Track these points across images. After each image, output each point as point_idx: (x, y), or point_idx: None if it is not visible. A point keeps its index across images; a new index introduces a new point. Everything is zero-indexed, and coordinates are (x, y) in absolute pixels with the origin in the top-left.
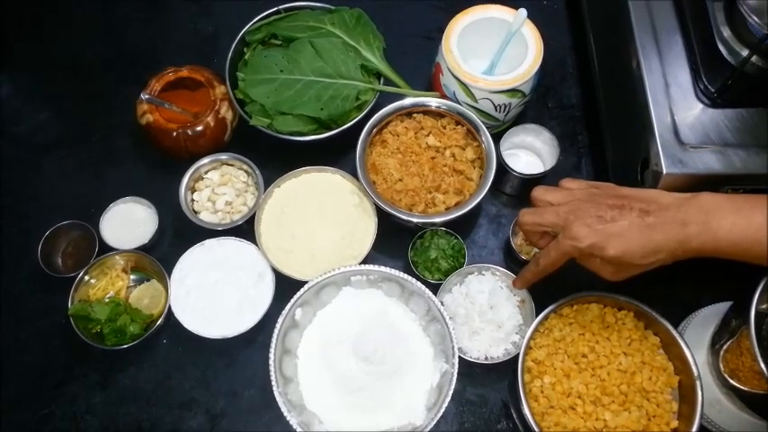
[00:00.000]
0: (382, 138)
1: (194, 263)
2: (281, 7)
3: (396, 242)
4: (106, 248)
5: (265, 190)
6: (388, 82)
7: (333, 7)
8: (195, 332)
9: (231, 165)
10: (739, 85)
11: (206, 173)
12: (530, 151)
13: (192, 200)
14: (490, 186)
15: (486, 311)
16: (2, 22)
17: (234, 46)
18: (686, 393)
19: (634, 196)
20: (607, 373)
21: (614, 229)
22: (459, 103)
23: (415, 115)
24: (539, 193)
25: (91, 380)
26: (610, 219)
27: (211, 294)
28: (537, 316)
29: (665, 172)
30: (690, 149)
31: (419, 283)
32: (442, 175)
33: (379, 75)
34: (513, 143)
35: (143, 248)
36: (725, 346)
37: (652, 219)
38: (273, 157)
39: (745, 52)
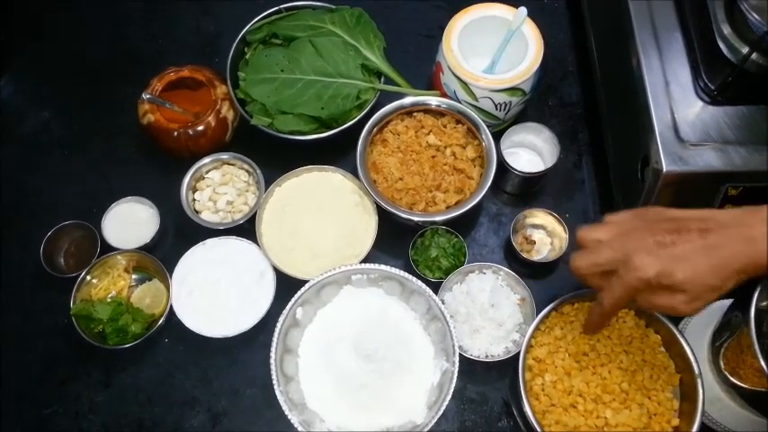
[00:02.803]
0: (383, 137)
1: (196, 262)
2: (281, 7)
3: (396, 241)
4: (108, 248)
5: (266, 189)
6: (389, 81)
7: (333, 6)
8: (197, 331)
9: (232, 164)
10: (739, 83)
11: (207, 172)
12: (530, 150)
13: (194, 199)
14: (491, 185)
15: (487, 310)
16: (4, 23)
17: (235, 45)
18: (687, 391)
19: (688, 217)
20: (608, 371)
21: (678, 251)
22: (460, 102)
23: (415, 114)
24: (584, 232)
25: (93, 379)
26: (670, 243)
27: (213, 294)
28: (538, 314)
29: (665, 169)
30: (690, 147)
31: (420, 282)
32: (442, 173)
33: (379, 74)
34: (513, 142)
35: (145, 248)
36: (725, 344)
37: (714, 237)
38: (274, 157)
39: (745, 49)
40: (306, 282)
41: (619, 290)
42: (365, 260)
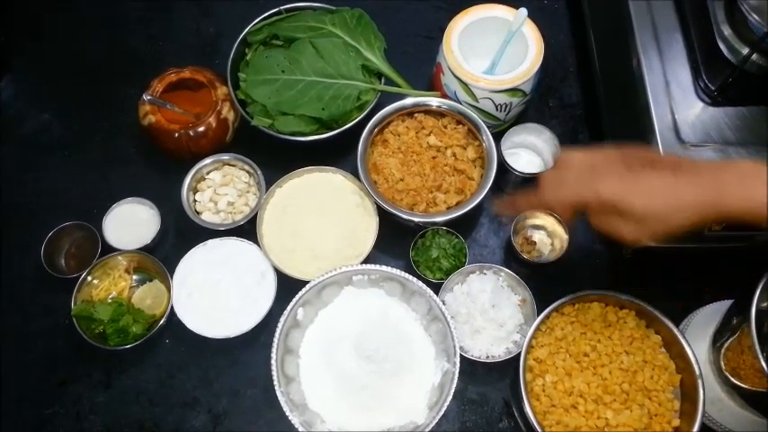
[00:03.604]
0: (383, 137)
1: (196, 263)
2: (282, 8)
3: (397, 242)
4: (109, 249)
5: (267, 190)
6: (389, 82)
7: (334, 8)
8: (197, 332)
9: (233, 165)
10: (740, 84)
11: (208, 173)
12: (531, 150)
13: (194, 200)
14: (491, 186)
15: (488, 310)
16: (5, 24)
17: (235, 47)
18: (688, 392)
19: (665, 159)
20: (609, 371)
21: (644, 181)
22: (460, 103)
23: (416, 115)
24: (565, 153)
25: (94, 380)
26: (640, 171)
27: (213, 294)
28: (538, 315)
29: None
30: (690, 148)
31: (420, 283)
32: (443, 174)
33: (380, 75)
34: (513, 142)
35: (145, 249)
36: (726, 345)
37: (685, 177)
38: (275, 158)
39: (745, 50)
40: (307, 282)
41: (568, 193)
42: (366, 261)
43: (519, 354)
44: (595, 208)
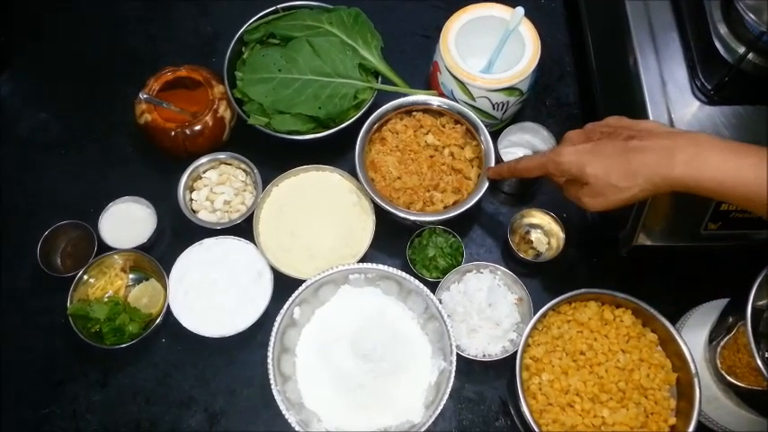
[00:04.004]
0: (381, 135)
1: (193, 262)
2: (278, 6)
3: (394, 240)
4: (105, 248)
5: (264, 189)
6: (386, 81)
7: (331, 6)
8: (194, 331)
9: (229, 164)
10: (736, 83)
11: (204, 172)
12: (528, 149)
13: (191, 199)
14: (488, 185)
15: (485, 309)
16: (2, 23)
17: (232, 45)
18: (684, 390)
19: (627, 126)
20: (605, 370)
21: (597, 148)
22: (457, 102)
23: (414, 113)
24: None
25: (90, 379)
26: (596, 140)
27: (210, 293)
28: (535, 313)
29: None
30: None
31: (417, 282)
32: (440, 173)
33: (376, 74)
34: (511, 141)
35: (142, 248)
36: (722, 343)
37: (636, 142)
38: (272, 156)
39: (741, 49)
40: (303, 281)
41: (534, 163)
42: (363, 260)
43: (515, 352)
44: (558, 177)
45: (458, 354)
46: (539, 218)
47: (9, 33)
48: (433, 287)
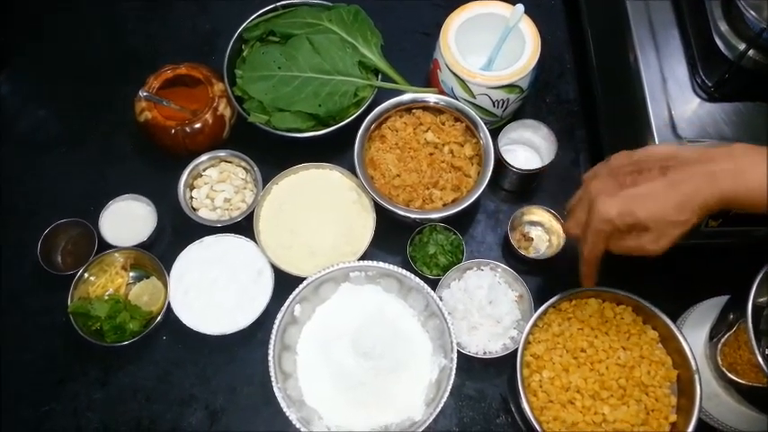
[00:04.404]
0: (381, 133)
1: (193, 260)
2: (278, 4)
3: (394, 238)
4: (105, 246)
5: (264, 187)
6: (386, 78)
7: (330, 4)
8: (194, 329)
9: (230, 162)
10: (736, 80)
11: (204, 170)
12: (528, 147)
13: (191, 197)
14: (488, 182)
15: (485, 306)
16: (2, 21)
17: (232, 43)
18: (685, 387)
19: (650, 157)
20: (606, 367)
21: (639, 190)
22: (457, 99)
23: (414, 111)
24: (571, 200)
25: (91, 377)
26: (631, 183)
27: (210, 291)
28: (535, 311)
29: None
30: (687, 143)
31: (418, 279)
32: (439, 171)
33: (376, 71)
34: (511, 139)
35: (142, 246)
36: (723, 340)
37: (676, 174)
38: (272, 154)
39: (742, 46)
40: (304, 279)
41: (591, 237)
42: (363, 257)
43: (516, 350)
44: (613, 233)
45: (458, 351)
46: (539, 215)
47: (9, 32)
48: (433, 284)
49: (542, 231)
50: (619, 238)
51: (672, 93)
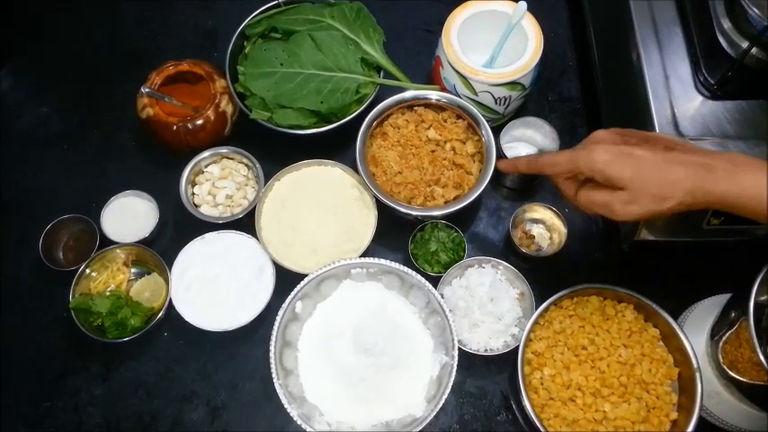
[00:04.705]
0: (383, 130)
1: (195, 256)
2: (280, 0)
3: (396, 235)
4: (107, 242)
5: (265, 183)
6: (389, 75)
7: (333, 0)
8: (196, 325)
9: (231, 158)
10: (739, 78)
11: (206, 166)
12: (530, 144)
13: (193, 193)
14: (490, 179)
15: (486, 304)
16: (3, 17)
17: (234, 39)
18: (686, 385)
19: (665, 137)
20: (607, 365)
21: (637, 152)
22: (460, 97)
23: (416, 108)
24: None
25: (92, 373)
26: (634, 144)
27: (212, 287)
28: (537, 308)
29: None
30: (690, 141)
31: (419, 276)
32: (441, 168)
33: (379, 68)
34: (513, 136)
35: (144, 242)
36: (724, 338)
37: (678, 154)
38: (273, 151)
39: (745, 44)
40: (305, 276)
41: (563, 155)
42: (364, 254)
43: (517, 347)
44: (587, 177)
45: (459, 348)
46: (541, 213)
47: (9, 28)
48: (434, 282)
49: (544, 229)
50: (592, 188)
51: (674, 90)
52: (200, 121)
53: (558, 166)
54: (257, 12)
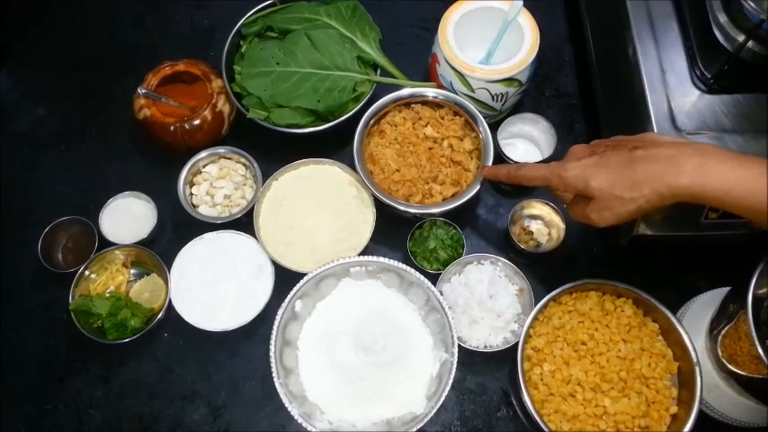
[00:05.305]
0: (380, 128)
1: (194, 256)
2: None
3: (394, 233)
4: (106, 243)
5: (263, 183)
6: (385, 73)
7: None
8: (196, 325)
9: (229, 158)
10: (735, 71)
11: (204, 167)
12: (527, 140)
13: (191, 194)
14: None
15: (486, 300)
16: (0, 17)
17: (230, 39)
18: (685, 379)
19: (633, 138)
20: (606, 360)
21: (602, 161)
22: (457, 93)
23: (413, 106)
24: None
25: (93, 374)
26: (600, 153)
27: (211, 287)
28: (536, 304)
29: None
30: (687, 136)
31: (418, 274)
32: (439, 165)
33: (375, 66)
34: (510, 132)
35: (143, 243)
36: (723, 332)
37: (641, 152)
38: (271, 150)
39: (741, 38)
40: (304, 275)
41: (537, 173)
42: (363, 252)
43: (517, 343)
44: (561, 192)
45: (459, 345)
46: (539, 209)
47: (6, 28)
48: (433, 279)
49: (542, 225)
50: (575, 202)
51: (671, 85)
52: (197, 122)
53: (535, 180)
54: (253, 11)
